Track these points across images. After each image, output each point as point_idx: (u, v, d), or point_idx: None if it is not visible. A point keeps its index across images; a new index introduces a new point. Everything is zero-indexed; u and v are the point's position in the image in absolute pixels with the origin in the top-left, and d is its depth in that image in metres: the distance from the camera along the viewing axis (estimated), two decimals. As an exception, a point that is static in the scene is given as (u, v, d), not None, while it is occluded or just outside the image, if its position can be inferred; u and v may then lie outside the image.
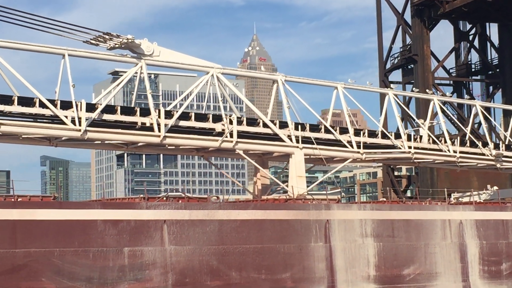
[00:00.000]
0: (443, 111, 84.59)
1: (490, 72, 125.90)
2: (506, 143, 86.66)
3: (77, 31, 62.36)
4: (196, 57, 68.76)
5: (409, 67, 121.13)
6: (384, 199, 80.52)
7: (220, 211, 59.51)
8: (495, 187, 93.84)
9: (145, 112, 64.06)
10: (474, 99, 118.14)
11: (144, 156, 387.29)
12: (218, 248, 58.68)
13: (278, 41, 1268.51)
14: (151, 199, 58.27)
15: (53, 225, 53.27)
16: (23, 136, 60.08)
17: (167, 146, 65.35)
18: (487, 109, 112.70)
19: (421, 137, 79.97)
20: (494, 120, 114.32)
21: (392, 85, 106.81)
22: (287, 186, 69.59)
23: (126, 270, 55.12)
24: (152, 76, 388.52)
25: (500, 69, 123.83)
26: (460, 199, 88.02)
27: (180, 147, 66.43)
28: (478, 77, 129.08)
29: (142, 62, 64.88)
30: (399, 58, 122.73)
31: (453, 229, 71.26)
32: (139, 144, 64.74)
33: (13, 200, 53.75)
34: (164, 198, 59.04)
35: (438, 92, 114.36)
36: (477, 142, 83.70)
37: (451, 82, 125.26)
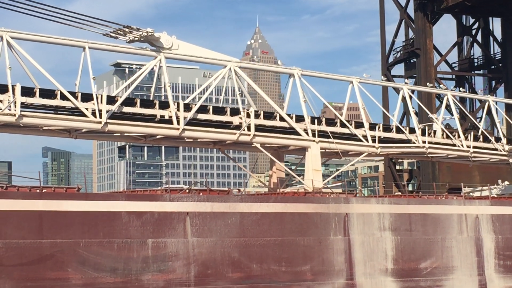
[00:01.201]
0: (447, 107, 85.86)
1: (493, 67, 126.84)
2: None
3: (97, 24, 63.71)
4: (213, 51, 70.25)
5: (411, 61, 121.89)
6: (400, 193, 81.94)
7: (242, 203, 60.95)
8: (506, 182, 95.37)
9: (164, 105, 65.40)
10: (477, 93, 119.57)
11: (145, 148, 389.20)
12: (240, 241, 60.13)
13: (280, 34, 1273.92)
14: (173, 192, 59.69)
15: (79, 216, 54.66)
16: (44, 128, 61.51)
17: (185, 139, 66.71)
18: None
19: (435, 131, 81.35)
20: (496, 115, 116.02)
21: (394, 79, 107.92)
22: (302, 179, 71.05)
23: (149, 262, 56.57)
24: (154, 67, 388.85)
25: (503, 63, 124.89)
26: (471, 193, 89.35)
27: (198, 140, 67.82)
28: (481, 72, 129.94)
29: (161, 55, 66.18)
30: (401, 52, 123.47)
31: (469, 224, 72.84)
32: (158, 136, 66.13)
33: (38, 191, 55.12)
34: (187, 191, 60.39)
35: (440, 86, 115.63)
36: (490, 137, 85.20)
37: (454, 76, 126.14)
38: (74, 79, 62.77)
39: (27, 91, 59.40)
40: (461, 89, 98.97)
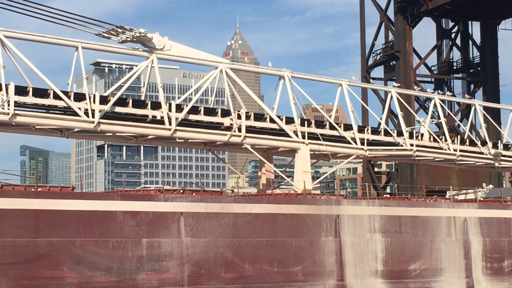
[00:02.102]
0: (424, 109, 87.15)
1: (472, 70, 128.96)
2: (504, 142, 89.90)
3: (90, 24, 64.58)
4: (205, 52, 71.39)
5: (391, 63, 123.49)
6: (388, 195, 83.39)
7: (235, 204, 62.08)
8: (491, 185, 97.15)
9: (155, 105, 66.33)
10: (455, 96, 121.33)
11: (124, 147, 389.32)
12: (233, 241, 61.26)
13: (261, 35, 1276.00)
14: (167, 192, 60.69)
15: (75, 215, 55.51)
16: (36, 126, 62.27)
17: (177, 139, 67.69)
18: (469, 108, 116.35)
19: (422, 135, 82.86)
20: (475, 119, 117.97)
21: (373, 81, 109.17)
22: (291, 181, 72.31)
23: (144, 261, 57.56)
24: (134, 67, 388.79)
25: (482, 67, 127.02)
26: (455, 196, 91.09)
27: (189, 140, 68.83)
28: (460, 75, 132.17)
29: (153, 56, 67.12)
30: (381, 54, 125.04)
31: (457, 226, 74.47)
32: (149, 136, 67.06)
33: (33, 190, 55.91)
34: (181, 191, 61.40)
35: (418, 88, 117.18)
36: (476, 141, 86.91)
37: (433, 79, 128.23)
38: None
39: (21, 90, 60.11)
40: (448, 93, 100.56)
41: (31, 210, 54.21)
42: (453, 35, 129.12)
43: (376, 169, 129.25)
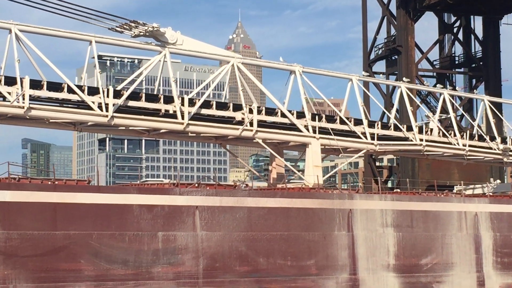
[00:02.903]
0: (426, 103, 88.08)
1: (474, 65, 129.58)
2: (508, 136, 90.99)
3: (103, 18, 65.58)
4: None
5: (393, 58, 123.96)
6: (398, 190, 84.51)
7: (249, 198, 63.20)
8: (498, 180, 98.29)
9: (168, 100, 67.33)
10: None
11: (125, 141, 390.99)
12: (247, 235, 62.39)
13: (262, 29, 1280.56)
14: (182, 185, 61.78)
15: (92, 208, 56.60)
16: (50, 120, 63.29)
17: (189, 133, 68.76)
18: (471, 102, 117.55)
19: (431, 130, 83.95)
20: (476, 112, 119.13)
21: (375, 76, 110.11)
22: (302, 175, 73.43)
23: (160, 254, 58.71)
24: (136, 61, 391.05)
25: (484, 62, 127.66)
26: (463, 191, 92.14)
27: (201, 134, 69.89)
28: (462, 70, 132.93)
29: (166, 50, 68.05)
30: (383, 49, 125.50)
31: (468, 221, 75.69)
32: (162, 130, 68.10)
33: (50, 183, 56.97)
34: (196, 185, 62.47)
35: (420, 83, 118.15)
36: (485, 136, 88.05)
37: (435, 74, 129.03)
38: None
39: (35, 84, 61.10)
40: (457, 88, 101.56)
41: (50, 203, 55.31)
42: (455, 30, 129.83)
43: (377, 164, 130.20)
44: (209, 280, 60.34)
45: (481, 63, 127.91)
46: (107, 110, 63.34)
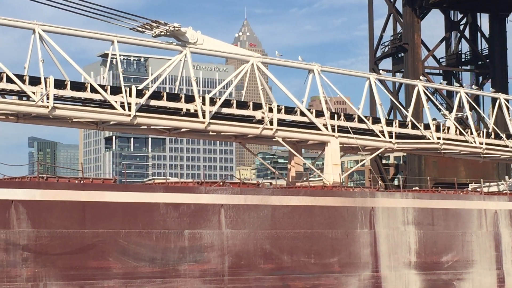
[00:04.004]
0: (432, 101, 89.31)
1: (480, 63, 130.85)
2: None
3: (124, 18, 66.92)
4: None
5: (399, 55, 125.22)
6: (417, 188, 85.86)
7: (273, 196, 64.58)
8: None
9: (189, 99, 68.66)
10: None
11: (132, 139, 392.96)
12: (271, 233, 63.80)
13: (268, 27, 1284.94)
14: (206, 184, 63.17)
15: (120, 207, 57.96)
16: (73, 120, 64.68)
17: (210, 132, 70.14)
18: (477, 98, 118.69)
19: (448, 128, 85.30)
20: (483, 110, 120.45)
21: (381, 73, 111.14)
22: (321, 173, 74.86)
23: (186, 252, 60.06)
24: (142, 59, 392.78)
25: (490, 59, 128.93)
26: (478, 189, 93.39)
27: (222, 133, 71.28)
28: (468, 67, 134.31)
29: (186, 49, 69.38)
30: (389, 46, 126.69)
31: (488, 219, 77.14)
32: (183, 129, 69.47)
33: (77, 181, 58.37)
34: (221, 183, 63.87)
35: (427, 80, 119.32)
36: (501, 134, 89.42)
37: (441, 71, 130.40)
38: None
39: (59, 84, 62.45)
40: (473, 86, 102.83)
41: (78, 202, 56.63)
42: (461, 27, 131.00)
43: (384, 161, 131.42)
44: (234, 277, 61.70)
45: (487, 60, 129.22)
46: (129, 109, 64.65)
